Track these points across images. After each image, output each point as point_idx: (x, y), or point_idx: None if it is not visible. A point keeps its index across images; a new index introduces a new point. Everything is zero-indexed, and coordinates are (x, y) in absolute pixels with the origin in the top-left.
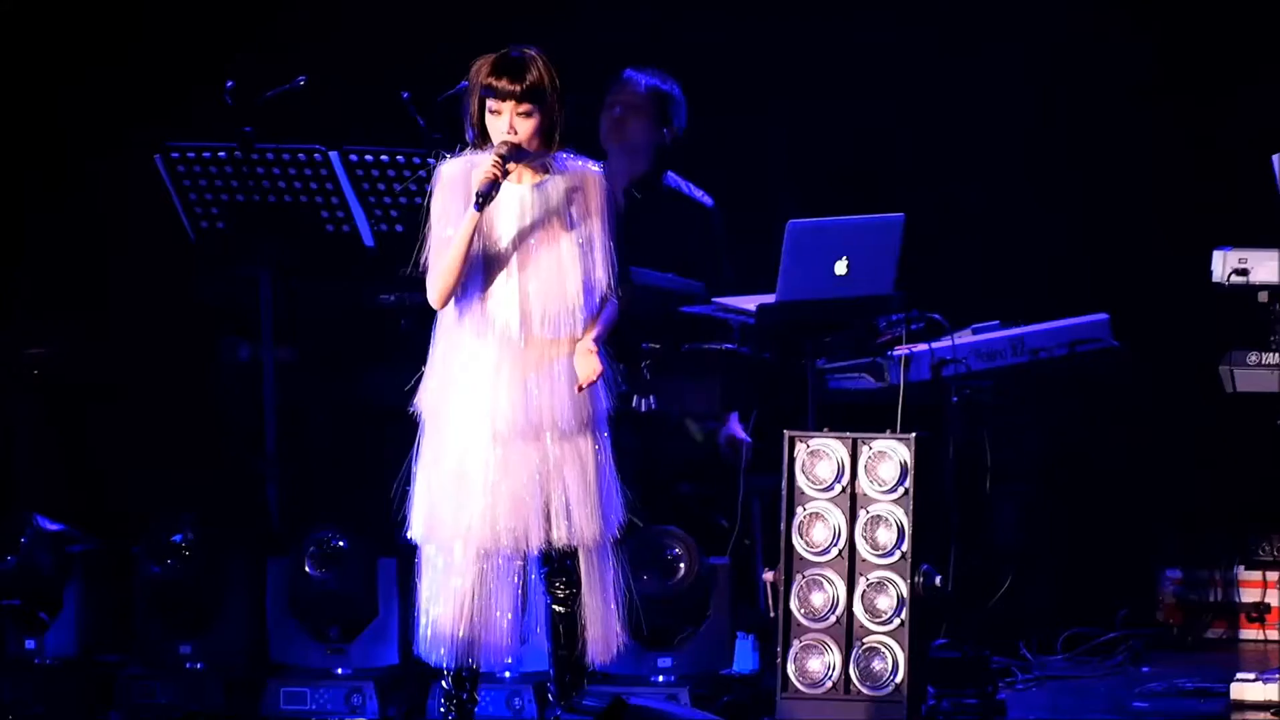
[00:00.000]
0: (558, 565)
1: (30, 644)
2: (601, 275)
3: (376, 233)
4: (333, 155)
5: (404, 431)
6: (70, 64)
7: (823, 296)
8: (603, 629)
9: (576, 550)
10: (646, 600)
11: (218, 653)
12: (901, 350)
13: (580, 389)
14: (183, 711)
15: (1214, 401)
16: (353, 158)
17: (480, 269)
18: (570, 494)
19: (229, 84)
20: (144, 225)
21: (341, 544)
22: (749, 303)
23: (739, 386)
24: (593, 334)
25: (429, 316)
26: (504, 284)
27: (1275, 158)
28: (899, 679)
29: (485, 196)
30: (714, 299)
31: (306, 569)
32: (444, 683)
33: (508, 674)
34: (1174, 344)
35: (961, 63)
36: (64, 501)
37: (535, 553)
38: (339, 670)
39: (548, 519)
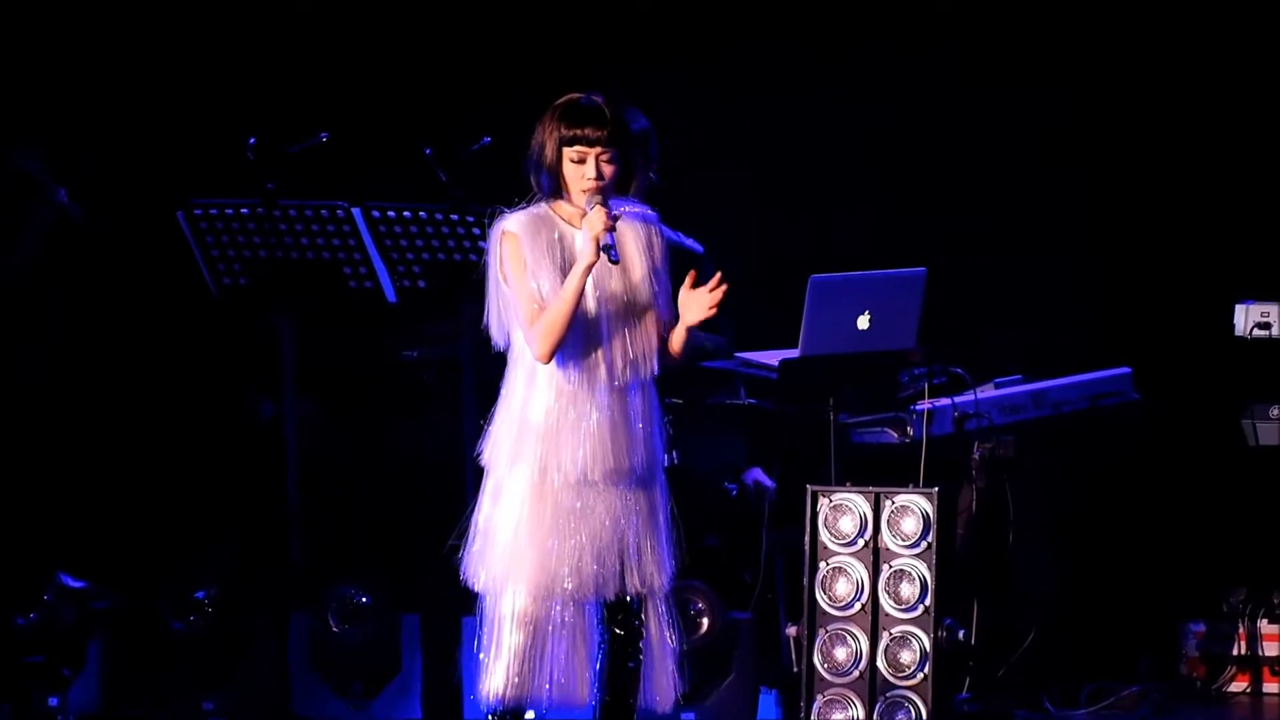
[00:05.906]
0: (621, 613)
1: (54, 700)
2: (669, 315)
3: (399, 289)
4: (355, 212)
5: (427, 484)
6: (94, 119)
7: (845, 351)
8: (664, 677)
9: (644, 598)
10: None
11: (241, 707)
12: (924, 404)
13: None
14: None
15: (1236, 455)
16: (375, 214)
17: None
18: (642, 540)
19: (251, 140)
20: (166, 280)
21: (364, 600)
22: (771, 357)
23: (762, 441)
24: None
25: (452, 371)
26: (588, 332)
27: None
28: None
29: (611, 248)
30: (736, 354)
31: (330, 624)
32: None
33: None
34: (1196, 398)
35: (975, 110)
36: (88, 557)
37: (612, 597)
38: None
39: (622, 565)
